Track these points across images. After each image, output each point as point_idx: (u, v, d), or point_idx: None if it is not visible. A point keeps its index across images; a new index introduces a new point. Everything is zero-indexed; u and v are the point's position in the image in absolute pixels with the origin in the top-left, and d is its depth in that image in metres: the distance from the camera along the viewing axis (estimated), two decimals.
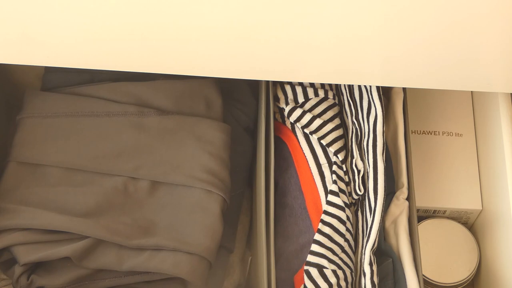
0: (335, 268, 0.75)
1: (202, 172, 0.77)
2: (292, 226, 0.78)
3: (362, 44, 0.68)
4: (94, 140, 0.79)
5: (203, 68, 0.72)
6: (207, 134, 0.80)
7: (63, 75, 0.83)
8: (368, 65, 0.71)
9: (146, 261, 0.72)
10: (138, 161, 0.78)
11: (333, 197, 0.77)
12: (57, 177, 0.78)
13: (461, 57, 0.69)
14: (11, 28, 0.67)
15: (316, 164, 0.80)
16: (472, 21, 0.65)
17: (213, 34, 0.67)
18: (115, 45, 0.68)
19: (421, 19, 0.64)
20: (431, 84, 0.74)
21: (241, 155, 0.84)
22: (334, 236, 0.76)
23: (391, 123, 0.83)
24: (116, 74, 0.82)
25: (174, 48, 0.69)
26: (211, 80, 0.83)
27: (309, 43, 0.68)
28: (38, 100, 0.82)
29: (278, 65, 0.71)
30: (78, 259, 0.71)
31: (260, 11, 0.64)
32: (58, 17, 0.65)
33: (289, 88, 0.83)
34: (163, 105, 0.81)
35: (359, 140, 0.80)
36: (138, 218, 0.75)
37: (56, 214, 0.74)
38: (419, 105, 0.92)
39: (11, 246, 0.72)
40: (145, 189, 0.77)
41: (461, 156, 0.90)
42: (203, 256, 0.73)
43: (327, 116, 0.81)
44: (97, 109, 0.81)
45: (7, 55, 0.71)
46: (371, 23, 0.65)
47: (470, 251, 0.86)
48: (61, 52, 0.70)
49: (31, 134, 0.80)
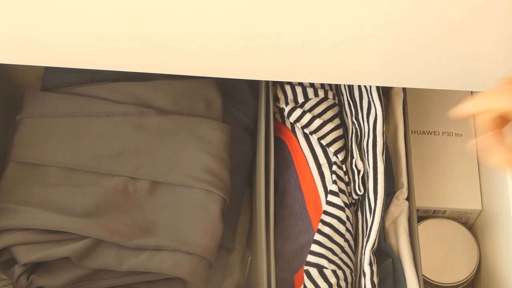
0: (335, 268, 0.75)
1: (202, 172, 0.77)
2: (292, 226, 0.78)
3: (362, 44, 0.68)
4: (94, 140, 0.79)
5: (203, 68, 0.72)
6: (207, 134, 0.80)
7: (63, 75, 0.83)
8: (368, 65, 0.71)
9: (146, 261, 0.72)
10: (138, 161, 0.78)
11: (333, 197, 0.77)
12: (57, 177, 0.78)
13: (461, 57, 0.69)
14: (11, 28, 0.66)
15: (316, 164, 0.80)
16: (472, 22, 0.65)
17: (213, 34, 0.67)
18: (115, 45, 0.68)
19: (420, 19, 0.64)
20: (431, 84, 0.74)
21: (241, 155, 0.84)
22: (334, 236, 0.76)
23: (391, 123, 0.83)
24: (116, 74, 0.82)
25: (174, 48, 0.69)
26: (211, 80, 0.83)
27: (309, 43, 0.68)
28: (38, 100, 0.82)
29: (278, 65, 0.71)
30: (78, 259, 0.71)
31: (259, 11, 0.64)
32: (58, 17, 0.65)
33: (289, 88, 0.83)
34: (163, 105, 0.81)
35: (359, 140, 0.80)
36: (138, 218, 0.75)
37: (56, 214, 0.74)
38: (419, 105, 0.92)
39: (11, 246, 0.72)
40: (145, 189, 0.77)
41: (461, 156, 0.90)
42: (203, 256, 0.73)
43: (327, 116, 0.81)
44: (97, 109, 0.81)
45: (7, 55, 0.71)
46: (371, 23, 0.65)
47: (470, 251, 0.86)
48: (61, 52, 0.70)
49: (31, 134, 0.80)
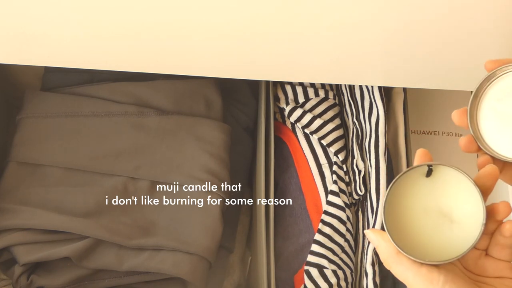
0: (335, 268, 0.75)
1: (202, 172, 0.77)
2: (292, 226, 0.78)
3: (362, 44, 0.68)
4: (94, 140, 0.79)
5: (203, 68, 0.72)
6: (207, 134, 0.80)
7: (63, 75, 0.83)
8: (369, 65, 0.71)
9: (146, 261, 0.72)
10: (138, 161, 0.78)
11: (333, 197, 0.77)
12: (57, 177, 0.78)
13: (461, 57, 0.69)
14: (11, 28, 0.66)
15: (316, 164, 0.80)
16: (471, 22, 0.65)
17: (213, 34, 0.67)
18: (115, 45, 0.68)
19: (421, 20, 0.64)
20: (431, 84, 0.74)
21: (241, 155, 0.84)
22: (334, 236, 0.76)
23: (391, 123, 0.83)
24: (116, 74, 0.82)
25: (174, 48, 0.69)
26: (211, 80, 0.83)
27: (310, 43, 0.68)
28: (38, 100, 0.82)
29: (278, 65, 0.71)
30: (78, 259, 0.71)
31: (260, 11, 0.64)
32: (58, 18, 0.65)
33: (289, 88, 0.83)
34: (163, 105, 0.81)
35: (360, 140, 0.80)
36: (138, 218, 0.75)
37: (56, 214, 0.74)
38: (419, 105, 0.92)
39: (11, 246, 0.72)
40: (145, 189, 0.77)
41: (461, 156, 0.89)
42: (203, 256, 0.73)
43: (327, 116, 0.81)
44: (97, 109, 0.81)
45: (7, 55, 0.71)
46: (371, 23, 0.65)
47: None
48: (61, 52, 0.70)
49: (31, 134, 0.80)
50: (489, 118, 0.56)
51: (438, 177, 0.55)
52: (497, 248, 0.55)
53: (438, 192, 0.55)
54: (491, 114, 0.56)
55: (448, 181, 0.55)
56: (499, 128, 0.56)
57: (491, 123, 0.56)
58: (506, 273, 0.55)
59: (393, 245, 0.53)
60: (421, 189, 0.55)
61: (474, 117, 0.57)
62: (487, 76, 0.57)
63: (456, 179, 0.55)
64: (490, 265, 0.55)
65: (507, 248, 0.55)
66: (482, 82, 0.57)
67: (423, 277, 0.52)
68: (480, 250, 0.55)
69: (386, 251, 0.54)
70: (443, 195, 0.55)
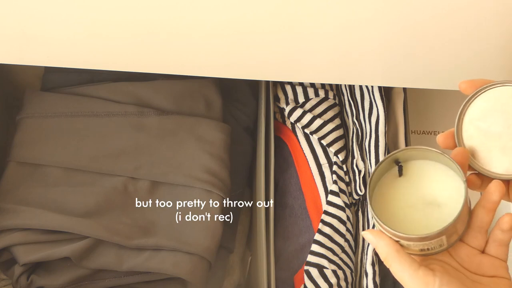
0: (335, 268, 0.75)
1: (202, 172, 0.77)
2: (292, 226, 0.78)
3: (362, 44, 0.68)
4: (94, 140, 0.79)
5: (203, 68, 0.72)
6: (207, 134, 0.80)
7: (63, 75, 0.83)
8: (369, 65, 0.71)
9: (146, 261, 0.72)
10: (138, 161, 0.78)
11: (333, 197, 0.77)
12: (57, 177, 0.78)
13: (461, 57, 0.69)
14: (11, 28, 0.66)
15: (316, 164, 0.80)
16: (471, 22, 0.65)
17: (213, 34, 0.67)
18: (115, 45, 0.68)
19: (421, 20, 0.64)
20: (431, 84, 0.74)
21: (241, 155, 0.84)
22: (335, 236, 0.76)
23: (391, 123, 0.83)
24: (116, 74, 0.82)
25: (173, 48, 0.69)
26: (211, 80, 0.83)
27: (310, 44, 0.68)
28: (38, 100, 0.82)
29: (278, 65, 0.71)
30: (78, 259, 0.71)
31: (260, 11, 0.64)
32: (58, 18, 0.65)
33: (289, 88, 0.83)
34: (163, 105, 0.81)
35: (360, 140, 0.80)
36: (138, 218, 0.75)
37: (55, 214, 0.74)
38: (419, 105, 0.92)
39: (11, 246, 0.72)
40: (145, 189, 0.77)
41: None
42: (203, 256, 0.73)
43: (327, 116, 0.81)
44: (97, 109, 0.81)
45: (7, 55, 0.71)
46: (371, 24, 0.65)
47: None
48: (61, 52, 0.70)
49: (31, 134, 0.80)
50: (474, 138, 0.57)
51: (411, 173, 0.57)
52: (494, 245, 0.55)
53: (414, 186, 0.56)
54: (476, 134, 0.57)
55: (420, 172, 0.56)
56: (487, 147, 0.57)
57: (476, 142, 0.57)
58: (501, 272, 0.55)
59: (389, 234, 0.54)
60: (400, 189, 0.56)
61: (461, 139, 0.58)
62: (467, 99, 0.58)
63: (426, 167, 0.56)
64: (485, 263, 0.55)
65: (503, 246, 0.55)
66: (463, 105, 0.58)
67: (419, 279, 0.53)
68: (477, 250, 0.56)
69: (385, 250, 0.55)
70: (421, 187, 0.56)
